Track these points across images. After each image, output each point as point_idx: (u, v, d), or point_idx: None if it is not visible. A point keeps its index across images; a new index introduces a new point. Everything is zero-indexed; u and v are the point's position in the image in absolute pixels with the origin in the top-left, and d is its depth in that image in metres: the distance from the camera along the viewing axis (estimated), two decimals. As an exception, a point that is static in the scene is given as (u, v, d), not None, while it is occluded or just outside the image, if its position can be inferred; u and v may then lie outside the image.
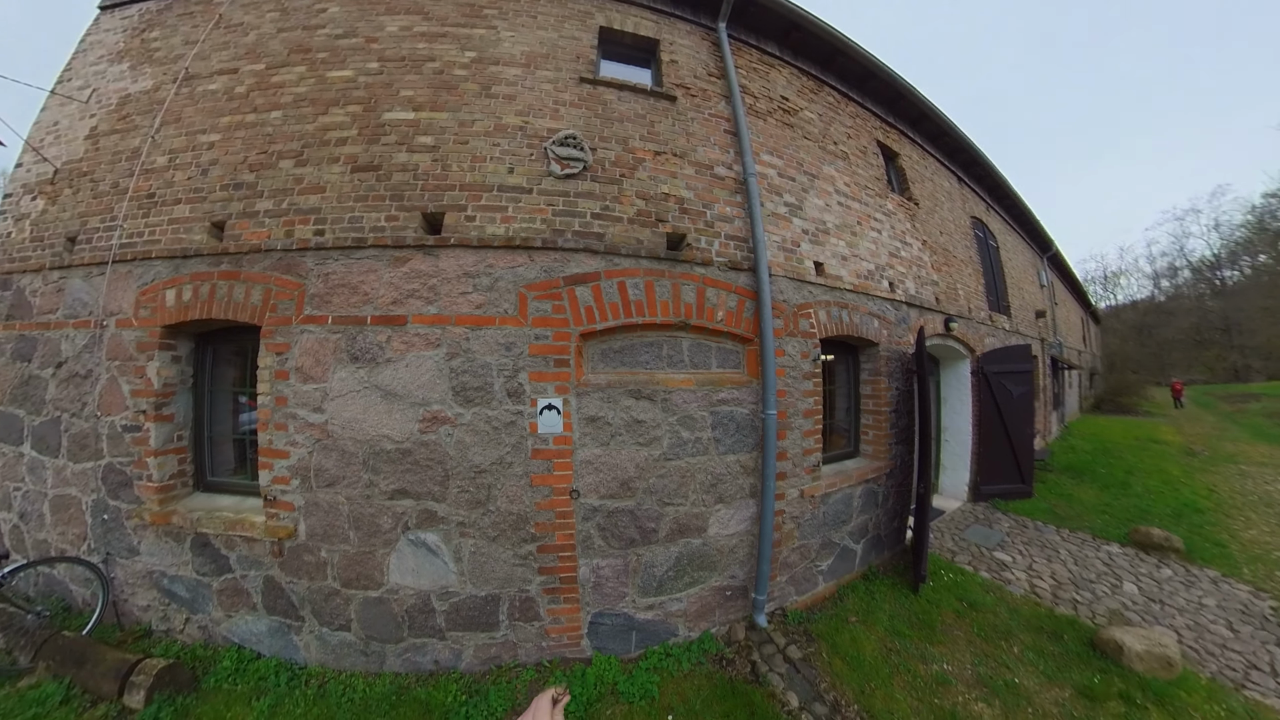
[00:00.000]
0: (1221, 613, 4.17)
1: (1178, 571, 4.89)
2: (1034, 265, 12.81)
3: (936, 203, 6.99)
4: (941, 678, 3.22)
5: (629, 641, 3.27)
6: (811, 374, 4.04)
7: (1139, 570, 4.92)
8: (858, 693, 3.04)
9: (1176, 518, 6.48)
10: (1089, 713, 2.95)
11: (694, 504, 3.38)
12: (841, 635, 3.63)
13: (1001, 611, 4.09)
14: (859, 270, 4.84)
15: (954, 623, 3.89)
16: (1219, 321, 41.64)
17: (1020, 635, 3.76)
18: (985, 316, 7.94)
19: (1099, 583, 4.67)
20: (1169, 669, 3.24)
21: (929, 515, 4.46)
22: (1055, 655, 3.50)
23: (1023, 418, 7.19)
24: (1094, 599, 4.40)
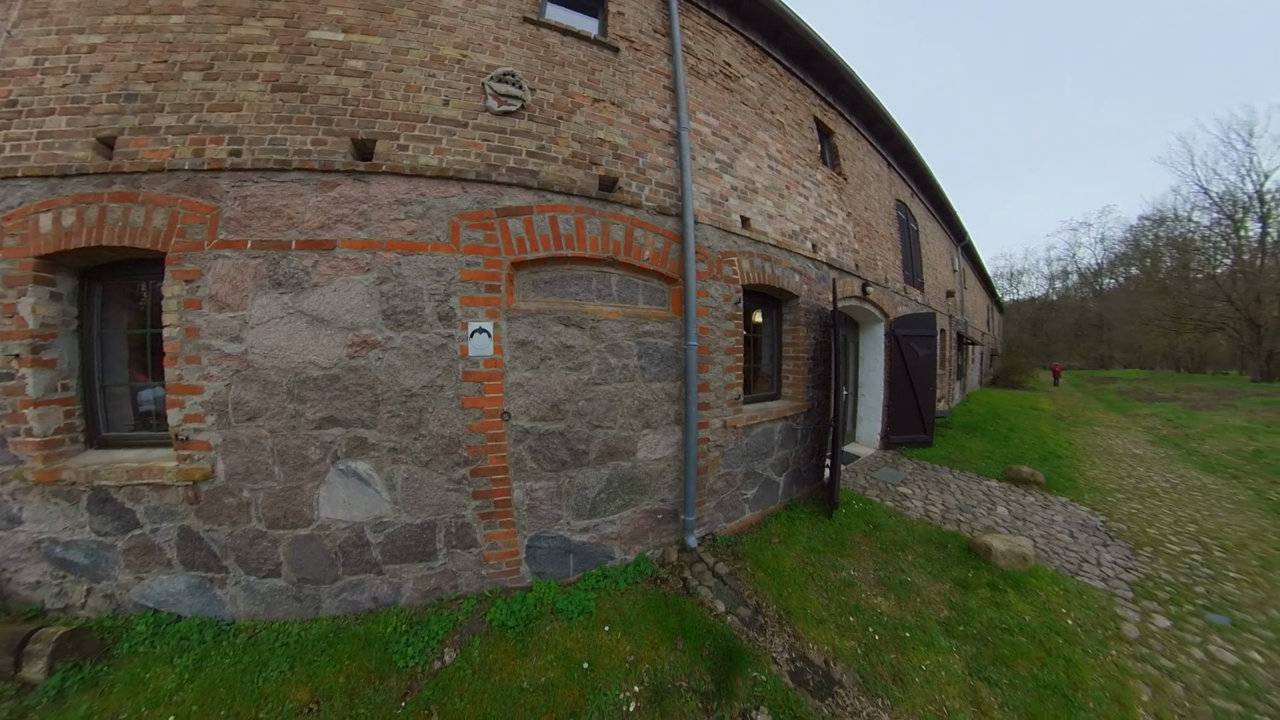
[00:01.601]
0: (1066, 526, 4.68)
1: (1038, 499, 5.41)
2: (949, 251, 13.66)
3: (864, 181, 7.10)
4: (849, 581, 3.45)
5: (567, 565, 3.24)
6: (733, 315, 4.15)
7: (1009, 498, 5.40)
8: (776, 596, 3.21)
9: (1042, 461, 7.17)
10: (963, 597, 3.30)
11: (622, 428, 3.38)
12: (764, 553, 3.79)
13: (900, 530, 4.41)
14: (784, 229, 4.93)
15: (861, 540, 4.16)
16: (1095, 319, 46.12)
17: (914, 547, 4.06)
18: (900, 288, 8.26)
19: (978, 507, 5.11)
20: (1024, 563, 3.64)
21: (840, 450, 4.69)
22: (940, 559, 3.83)
23: (927, 377, 7.54)
24: (973, 519, 4.78)
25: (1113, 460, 7.76)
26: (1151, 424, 11.78)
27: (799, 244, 5.16)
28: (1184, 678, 2.62)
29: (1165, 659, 2.78)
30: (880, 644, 2.82)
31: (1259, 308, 23.77)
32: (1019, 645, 2.81)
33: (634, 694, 2.30)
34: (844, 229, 6.27)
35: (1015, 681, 2.56)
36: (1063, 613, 3.15)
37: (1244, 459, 7.92)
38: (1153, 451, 8.54)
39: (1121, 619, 3.13)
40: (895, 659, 2.71)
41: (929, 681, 2.55)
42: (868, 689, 2.51)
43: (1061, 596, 3.34)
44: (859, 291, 6.49)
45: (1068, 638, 2.90)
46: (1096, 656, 2.76)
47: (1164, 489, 6.12)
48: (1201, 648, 2.87)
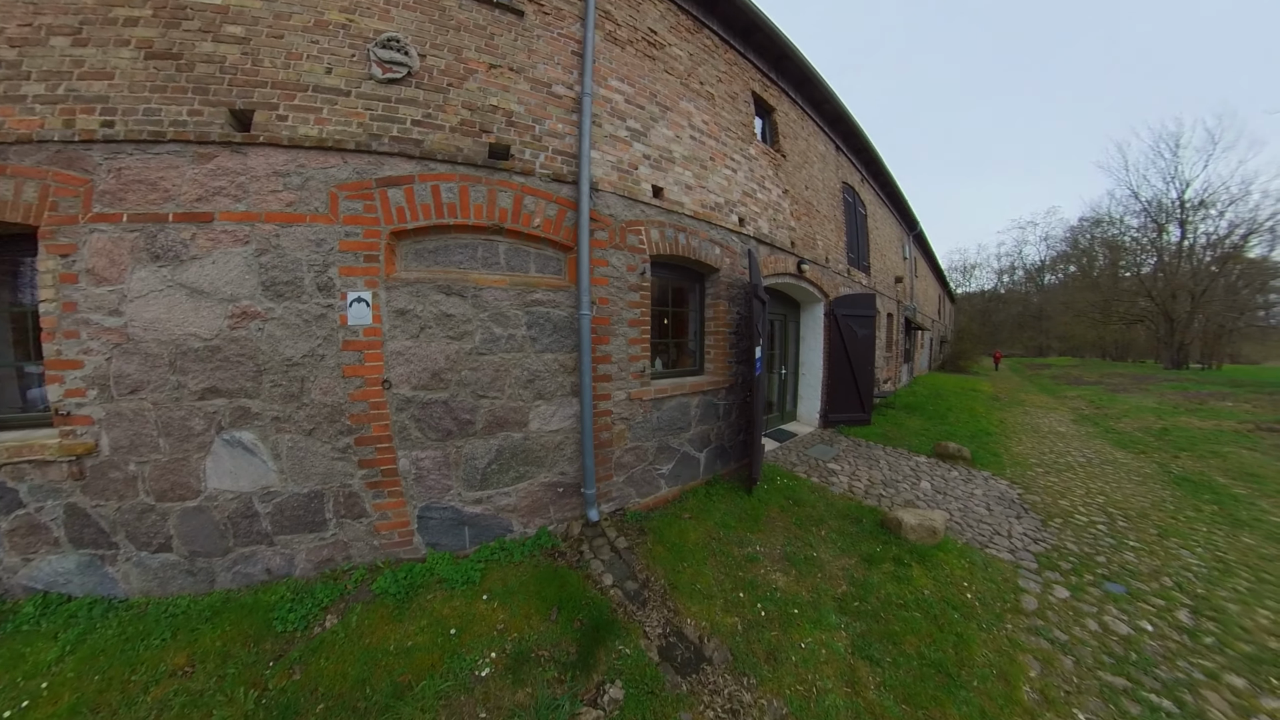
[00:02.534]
0: (985, 499, 4.57)
1: (963, 473, 5.32)
2: (900, 239, 13.65)
3: (807, 160, 6.77)
4: (752, 557, 3.25)
5: (462, 537, 3.06)
6: (638, 286, 3.85)
7: (935, 473, 5.27)
8: (668, 571, 3.02)
9: (972, 438, 7.16)
10: (866, 573, 3.10)
11: (511, 398, 3.18)
12: (672, 528, 3.58)
13: (820, 505, 4.21)
14: (705, 201, 4.61)
15: (778, 516, 3.96)
16: (1036, 311, 48.29)
17: (830, 521, 3.87)
18: (844, 269, 8.03)
19: (903, 482, 4.96)
20: (933, 536, 3.46)
21: (759, 424, 4.44)
22: (853, 534, 3.64)
23: (865, 356, 7.35)
24: (896, 494, 4.62)
25: (1038, 437, 7.81)
26: (1077, 405, 12.18)
27: (722, 216, 4.84)
28: (1075, 650, 2.46)
29: (1060, 631, 2.61)
30: (764, 621, 2.63)
31: (1174, 303, 25.26)
32: (911, 621, 2.61)
33: (491, 660, 2.22)
34: (779, 205, 5.97)
35: (899, 660, 2.35)
36: (964, 586, 2.98)
37: (1152, 436, 8.18)
38: (1075, 429, 8.66)
39: (1022, 591, 2.98)
40: (775, 636, 2.52)
41: (805, 660, 2.35)
42: (736, 667, 2.32)
43: (966, 570, 3.17)
44: (794, 269, 6.22)
45: (964, 612, 2.72)
46: (990, 631, 2.58)
47: (1080, 463, 6.11)
48: (1097, 618, 2.72)
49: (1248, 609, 2.86)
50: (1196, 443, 7.44)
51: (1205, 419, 9.60)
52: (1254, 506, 4.63)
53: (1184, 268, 26.00)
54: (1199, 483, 5.41)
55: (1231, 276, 24.76)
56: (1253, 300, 26.08)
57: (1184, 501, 4.80)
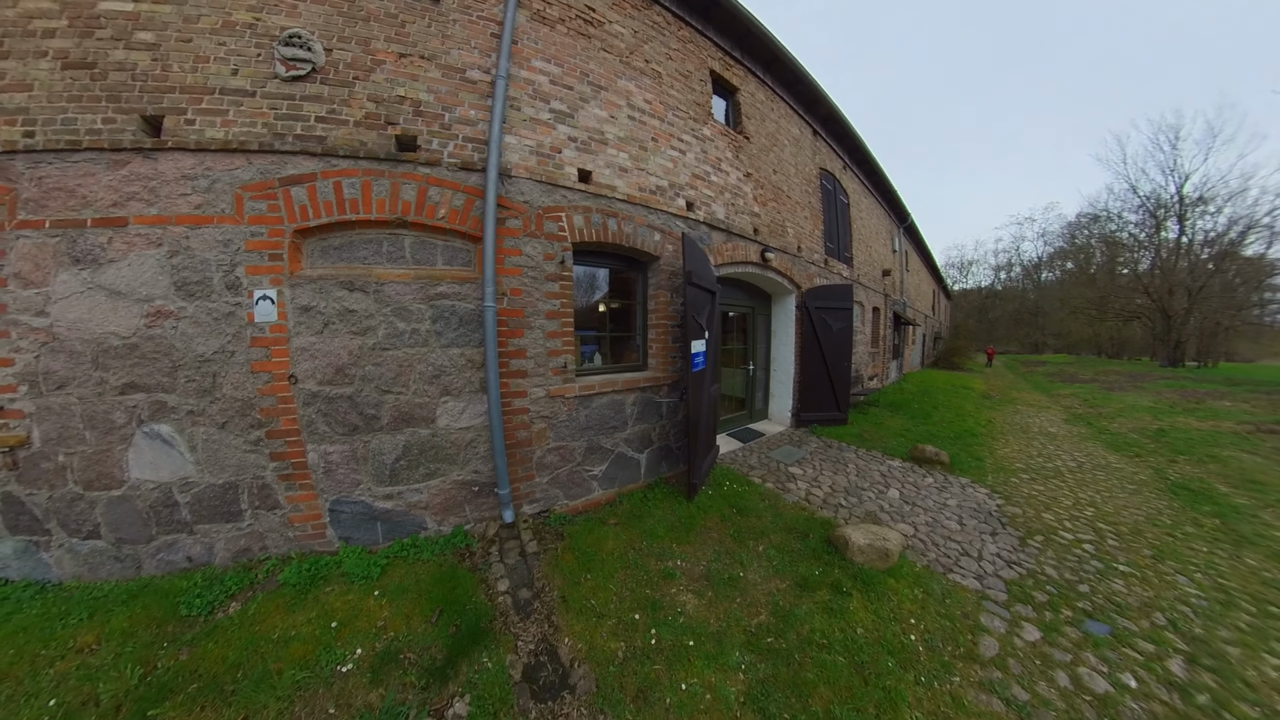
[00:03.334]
0: (958, 510, 3.96)
1: (938, 480, 4.70)
2: (889, 231, 12.96)
3: (776, 143, 6.07)
4: (668, 573, 2.81)
5: (375, 532, 2.96)
6: (557, 276, 3.45)
7: (907, 479, 4.67)
8: (568, 581, 2.69)
9: (955, 439, 6.50)
10: (795, 600, 2.58)
11: (416, 394, 3.00)
12: (592, 535, 3.20)
13: (767, 516, 3.66)
14: (644, 184, 4.11)
15: (715, 526, 3.45)
16: (1032, 308, 47.32)
17: (772, 535, 3.34)
18: (820, 260, 7.32)
19: (869, 490, 4.34)
20: (885, 559, 2.89)
21: (700, 426, 3.95)
22: (795, 552, 3.10)
23: (841, 351, 6.69)
24: (858, 503, 4.03)
25: (1026, 438, 7.13)
26: (1070, 404, 11.53)
27: (665, 200, 4.30)
28: (1035, 717, 1.90)
29: (1019, 687, 2.04)
30: (652, 650, 2.21)
31: (1171, 300, 24.45)
32: (831, 668, 2.09)
33: (358, 657, 2.12)
34: (739, 189, 5.33)
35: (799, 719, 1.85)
36: (911, 624, 2.41)
37: (1148, 437, 7.58)
38: (1066, 429, 7.95)
39: (983, 631, 2.40)
40: (657, 671, 2.08)
41: (681, 705, 1.91)
42: (597, 702, 1.95)
43: (918, 602, 2.60)
44: (757, 258, 5.61)
45: (902, 659, 2.16)
46: (930, 686, 2.02)
47: (1069, 468, 5.47)
48: (1069, 669, 2.15)
49: (1251, 655, 2.28)
50: (1194, 445, 6.87)
51: (1203, 419, 8.99)
52: (1257, 520, 4.03)
53: (1181, 264, 25.19)
54: (1198, 491, 4.86)
55: (1229, 274, 24.04)
56: (1249, 298, 25.40)
57: (1182, 514, 4.27)
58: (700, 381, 4.00)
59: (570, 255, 3.55)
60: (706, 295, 4.34)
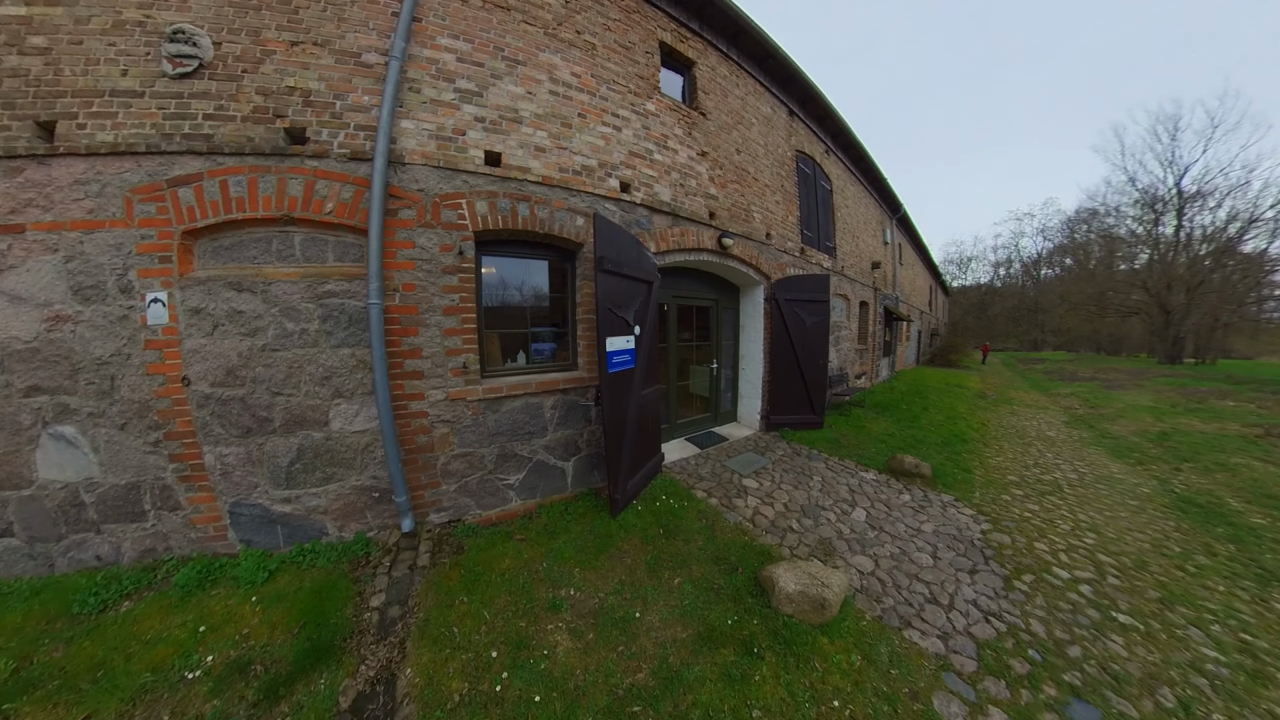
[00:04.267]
0: (934, 539, 3.30)
1: (916, 496, 4.06)
2: (880, 222, 12.13)
3: (741, 121, 5.33)
4: (555, 604, 2.41)
5: (275, 536, 2.83)
6: (456, 268, 3.07)
7: (879, 497, 4.02)
8: (441, 602, 2.41)
9: (942, 446, 5.78)
10: (690, 659, 2.02)
11: (308, 396, 2.80)
12: (491, 551, 2.86)
13: (697, 540, 3.04)
14: (565, 164, 3.56)
15: (633, 550, 2.91)
16: (1031, 305, 46.37)
17: (695, 566, 2.75)
18: (795, 248, 6.45)
19: (830, 510, 3.67)
20: (821, 611, 2.24)
21: (625, 434, 3.43)
22: (714, 590, 2.52)
23: (815, 348, 5.92)
24: (813, 527, 3.41)
25: (1022, 444, 6.35)
26: (1069, 403, 10.66)
27: (593, 182, 3.73)
28: None
29: None
30: (493, 700, 1.87)
31: (1169, 295, 23.65)
32: None
33: (209, 664, 2.03)
34: (691, 170, 4.61)
35: None
36: (834, 706, 1.81)
37: (1151, 441, 6.87)
38: (1066, 433, 7.19)
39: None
40: None
41: None
42: None
43: (852, 673, 1.97)
44: (712, 244, 4.88)
45: None
46: None
47: (1069, 482, 4.74)
48: None
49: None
50: (1200, 450, 6.21)
51: (1207, 420, 8.27)
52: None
53: (1180, 258, 24.45)
54: (1208, 508, 4.23)
55: (1228, 269, 23.26)
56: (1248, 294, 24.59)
57: (1192, 538, 3.63)
58: (622, 384, 3.43)
59: (472, 245, 3.13)
60: (638, 285, 3.73)
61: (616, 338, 3.40)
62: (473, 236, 3.13)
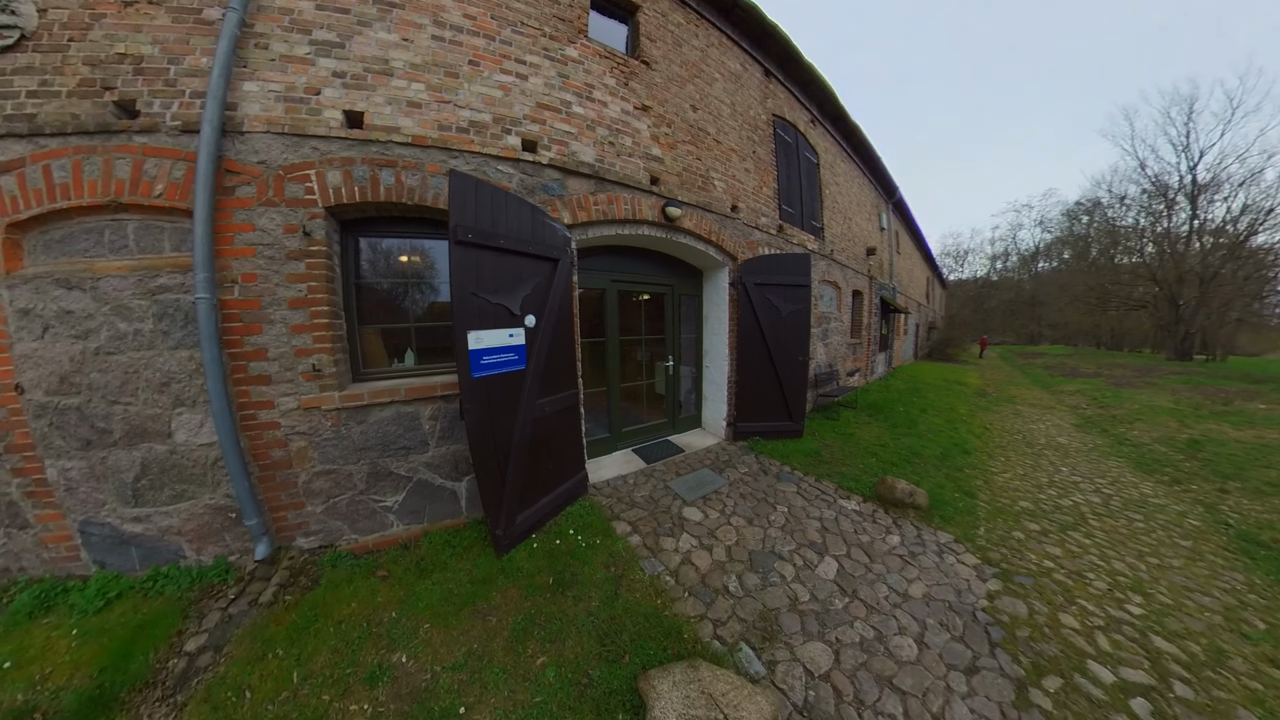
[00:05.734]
0: (923, 610, 2.34)
1: (907, 537, 3.10)
2: (875, 205, 10.99)
3: (700, 75, 4.42)
4: (377, 674, 1.91)
5: (129, 557, 2.54)
6: (304, 253, 2.55)
7: (859, 538, 3.01)
8: (252, 654, 2.04)
9: (942, 460, 4.81)
10: None
11: (147, 404, 2.47)
12: (345, 589, 2.40)
13: (592, 600, 2.27)
14: (447, 120, 2.88)
15: (507, 606, 2.27)
16: (1028, 298, 45.39)
17: (574, 642, 1.98)
18: (771, 225, 5.43)
19: (789, 559, 2.71)
20: None
21: (501, 456, 2.65)
22: (581, 688, 1.77)
23: (793, 342, 4.86)
24: (759, 587, 2.46)
25: (1031, 455, 5.35)
26: (1076, 402, 9.79)
27: (483, 139, 2.99)
28: None
29: None
30: None
31: (1180, 287, 22.53)
32: None
33: None
34: (626, 126, 3.73)
35: None
36: None
37: (1180, 451, 5.96)
38: (1079, 440, 6.20)
39: None
40: None
41: None
42: None
43: None
44: (654, 215, 3.86)
45: None
46: None
47: (1093, 508, 3.80)
48: None
49: None
50: (1243, 465, 5.24)
51: (1239, 426, 7.30)
52: None
53: (1193, 249, 23.30)
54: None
55: (1242, 261, 22.09)
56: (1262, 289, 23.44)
57: (1276, 597, 2.74)
58: (503, 392, 2.56)
59: (322, 225, 2.58)
60: (533, 263, 2.81)
61: (489, 331, 2.51)
62: (324, 214, 2.59)
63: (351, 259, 2.80)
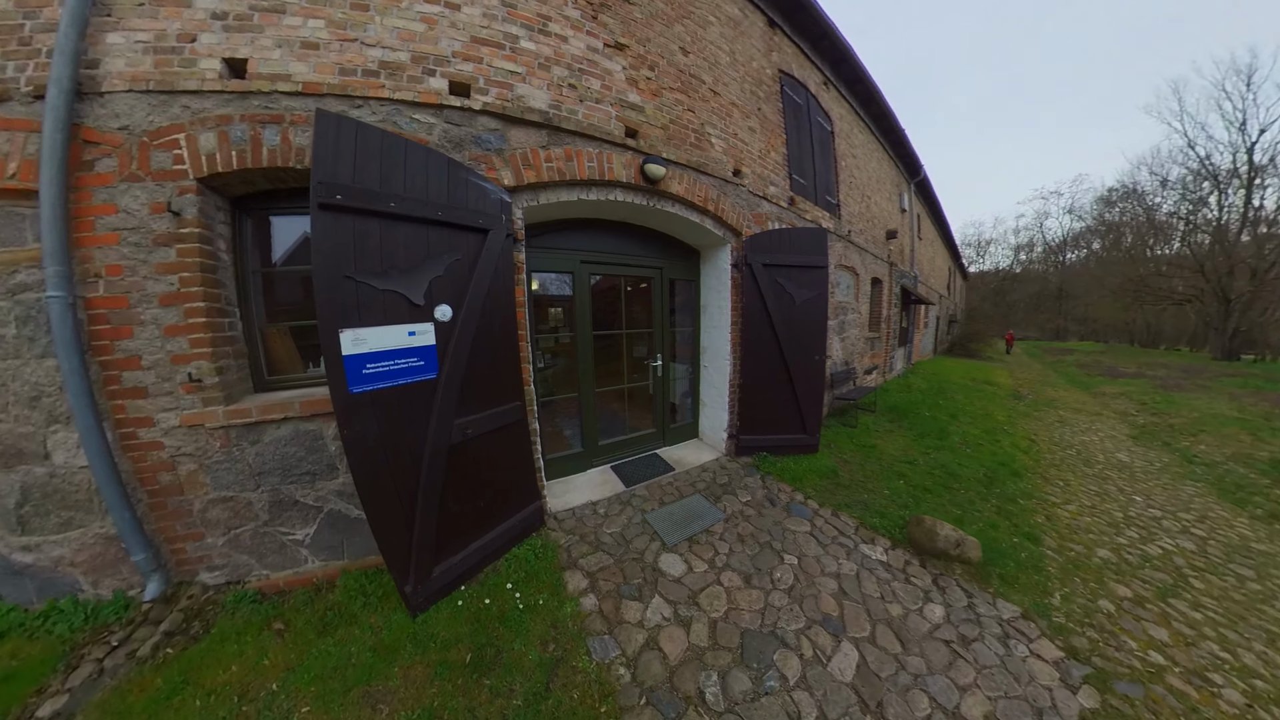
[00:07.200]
0: None
1: (954, 608, 2.29)
2: (895, 184, 9.76)
3: (690, 15, 3.62)
4: None
5: (25, 589, 2.19)
6: (173, 237, 2.08)
7: (889, 610, 2.21)
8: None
9: (987, 484, 3.93)
10: None
11: (18, 421, 2.07)
12: (232, 645, 2.01)
13: (514, 696, 1.69)
14: (351, 63, 2.25)
15: (407, 693, 1.76)
16: (1055, 291, 43.38)
17: None
18: (781, 195, 4.54)
19: (797, 646, 1.93)
20: None
21: (390, 491, 2.00)
22: None
23: (809, 336, 4.02)
24: (751, 696, 1.71)
25: (1094, 478, 4.41)
26: (1124, 407, 8.71)
27: (396, 84, 2.34)
28: None
29: None
30: None
31: (1230, 280, 20.96)
32: None
33: None
34: (593, 65, 2.98)
35: None
36: None
37: (1265, 474, 4.88)
38: (1141, 457, 5.30)
39: None
40: None
41: None
42: None
43: None
44: (630, 176, 3.08)
45: None
46: None
47: (1189, 560, 2.98)
48: None
49: None
50: (1354, 494, 4.39)
51: (1331, 441, 6.41)
52: None
53: (1246, 238, 21.57)
54: None
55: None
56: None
57: None
58: (393, 410, 1.94)
59: (193, 200, 2.08)
60: (450, 235, 2.14)
61: (375, 329, 1.87)
62: (196, 187, 2.10)
63: (250, 243, 2.37)
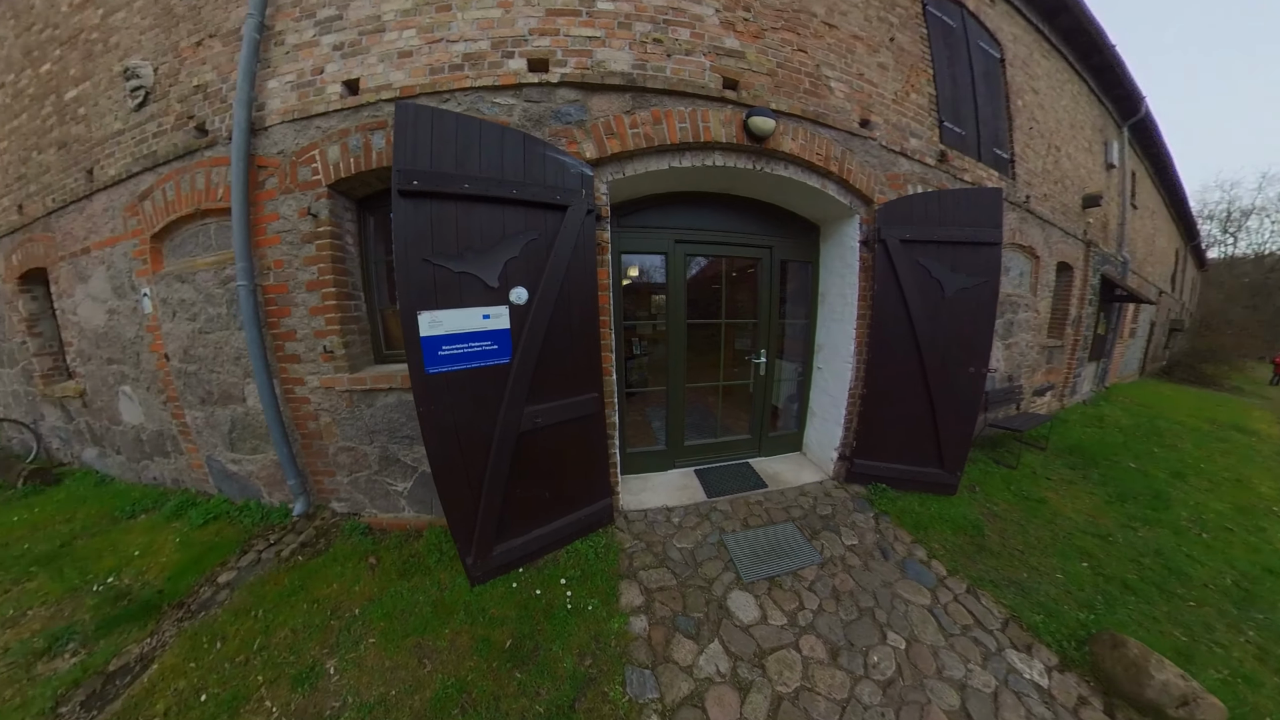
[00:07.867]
0: None
1: None
2: (1099, 129, 6.57)
3: None
4: (304, 676, 1.84)
5: (235, 488, 3.15)
6: (314, 235, 2.58)
7: None
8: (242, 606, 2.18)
9: (1242, 601, 2.38)
10: None
11: (229, 374, 2.95)
12: (338, 567, 2.51)
13: (537, 699, 1.70)
14: (439, 62, 2.42)
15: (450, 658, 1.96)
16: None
17: None
18: (926, 150, 3.50)
19: None
20: None
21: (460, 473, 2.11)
22: None
23: (963, 340, 3.02)
24: None
25: None
26: None
27: (477, 73, 2.44)
28: None
29: None
30: None
31: None
32: None
33: (109, 585, 2.34)
34: (679, 11, 2.58)
35: None
36: None
37: None
38: None
39: None
40: None
41: None
42: None
43: None
44: (731, 136, 2.60)
45: None
46: None
47: None
48: None
49: None
50: None
51: None
52: None
53: None
54: None
55: None
56: None
57: None
58: (467, 393, 2.11)
59: (326, 204, 2.55)
60: (525, 214, 2.12)
61: (450, 312, 1.98)
62: (327, 193, 2.56)
63: (373, 237, 2.83)
